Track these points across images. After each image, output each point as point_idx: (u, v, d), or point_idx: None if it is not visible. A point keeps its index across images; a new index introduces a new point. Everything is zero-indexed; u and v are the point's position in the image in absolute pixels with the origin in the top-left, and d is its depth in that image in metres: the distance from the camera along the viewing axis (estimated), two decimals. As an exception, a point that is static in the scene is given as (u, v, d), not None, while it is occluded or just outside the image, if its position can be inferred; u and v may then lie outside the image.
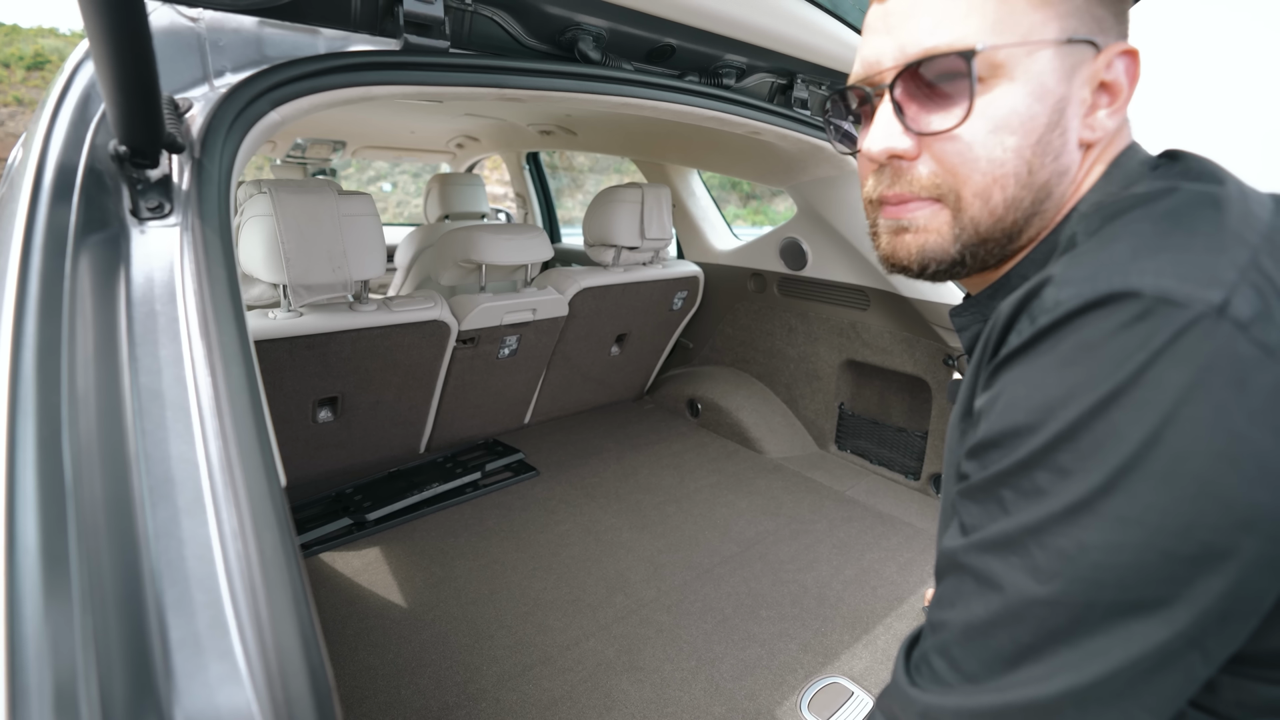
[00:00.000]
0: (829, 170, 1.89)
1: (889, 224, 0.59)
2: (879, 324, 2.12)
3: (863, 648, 1.41)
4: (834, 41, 1.49)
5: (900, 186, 0.57)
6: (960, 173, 0.54)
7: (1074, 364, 0.42)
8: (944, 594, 0.51)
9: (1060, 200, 0.56)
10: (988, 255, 0.57)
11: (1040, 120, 0.52)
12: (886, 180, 0.58)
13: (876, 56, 0.56)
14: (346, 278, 1.60)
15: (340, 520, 1.79)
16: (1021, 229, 0.56)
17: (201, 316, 0.67)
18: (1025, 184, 0.54)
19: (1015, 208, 0.54)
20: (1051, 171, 0.54)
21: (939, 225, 0.56)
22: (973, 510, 0.48)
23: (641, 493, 2.06)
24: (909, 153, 0.55)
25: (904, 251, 0.59)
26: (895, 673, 0.55)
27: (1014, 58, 0.51)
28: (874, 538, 1.84)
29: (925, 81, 0.54)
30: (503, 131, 3.29)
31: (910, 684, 0.51)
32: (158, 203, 0.76)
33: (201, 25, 0.89)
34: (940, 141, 0.54)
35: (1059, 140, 0.53)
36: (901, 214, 0.58)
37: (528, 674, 1.30)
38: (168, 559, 0.55)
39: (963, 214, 0.55)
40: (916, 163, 0.56)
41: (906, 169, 0.56)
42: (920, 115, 0.54)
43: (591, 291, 2.20)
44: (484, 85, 1.08)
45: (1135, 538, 0.39)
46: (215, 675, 0.50)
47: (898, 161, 0.57)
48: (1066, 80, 0.52)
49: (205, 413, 0.62)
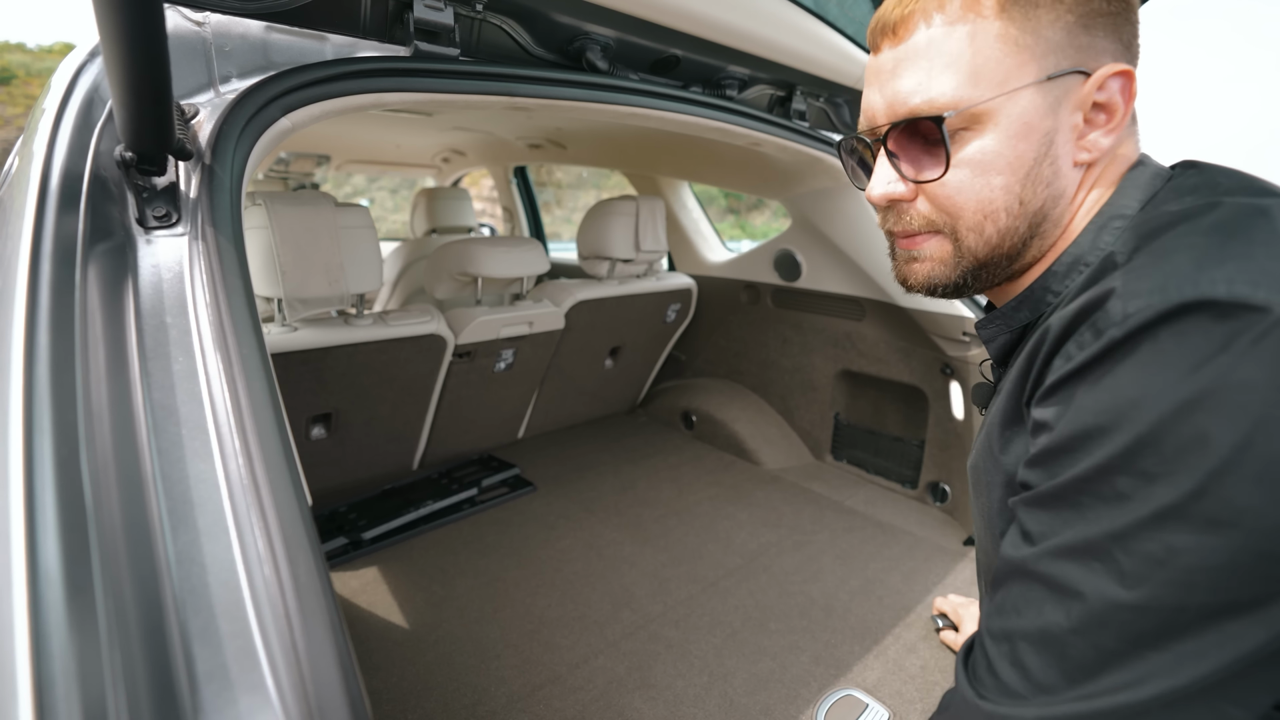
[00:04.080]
0: (826, 182, 1.90)
1: (903, 254, 0.65)
2: (874, 334, 2.13)
3: (874, 659, 1.40)
4: (834, 53, 1.50)
5: (904, 224, 0.63)
6: (952, 211, 0.58)
7: (1152, 371, 0.42)
8: (1009, 602, 0.50)
9: (1059, 220, 0.59)
10: (990, 277, 0.62)
11: (1027, 156, 0.55)
12: (893, 218, 0.64)
13: (872, 110, 0.61)
14: (344, 291, 1.57)
15: (336, 540, 1.74)
16: (1020, 252, 0.60)
17: (216, 329, 0.64)
18: (1017, 214, 0.57)
19: (1010, 235, 0.58)
20: (1045, 198, 0.57)
21: (943, 255, 0.61)
22: (1042, 518, 0.48)
23: (641, 506, 2.03)
24: (905, 196, 0.61)
25: (914, 278, 0.65)
26: (959, 685, 0.54)
27: (994, 105, 0.54)
28: (876, 547, 1.84)
29: (913, 136, 0.58)
30: (490, 146, 3.28)
31: (977, 696, 0.50)
32: (165, 211, 0.73)
33: (207, 30, 0.87)
34: (932, 186, 0.58)
35: (1049, 170, 0.56)
36: (911, 246, 0.63)
37: (537, 694, 1.27)
38: (190, 586, 0.52)
39: (961, 244, 0.60)
40: (915, 203, 0.61)
41: (907, 208, 0.62)
42: (911, 165, 0.59)
43: (587, 304, 2.19)
44: (494, 93, 1.06)
45: (1229, 540, 0.39)
46: (245, 708, 0.47)
47: (899, 204, 0.62)
48: (1052, 113, 0.55)
49: (223, 430, 0.59)
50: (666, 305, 2.48)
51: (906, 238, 0.64)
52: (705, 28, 1.24)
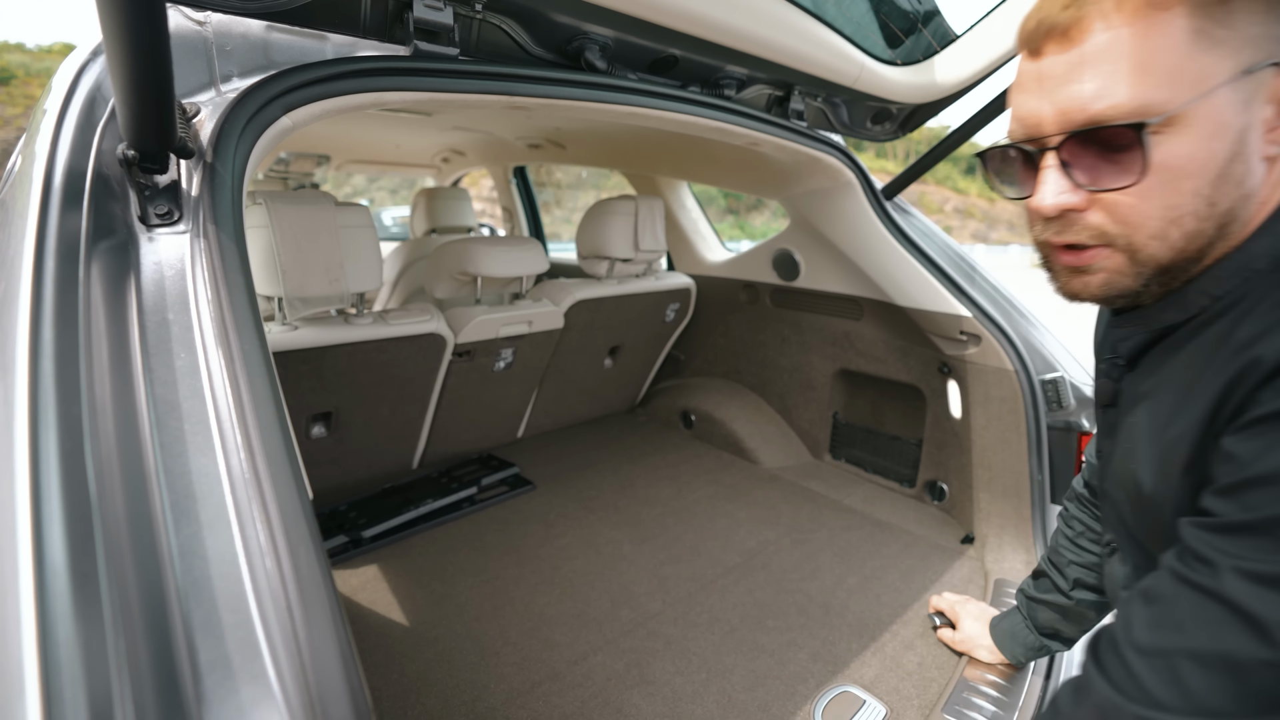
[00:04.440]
0: (823, 182, 1.90)
1: (1068, 269, 0.61)
2: (873, 333, 2.13)
3: (871, 655, 1.40)
4: (832, 53, 1.51)
5: (1072, 235, 0.58)
6: (1133, 222, 0.54)
7: None
8: (1169, 619, 0.50)
9: (1246, 219, 0.55)
10: (1171, 280, 0.58)
11: (1220, 156, 0.52)
12: (1055, 228, 0.59)
13: (1036, 119, 0.57)
14: (344, 290, 1.57)
15: (336, 538, 1.74)
16: (1205, 253, 0.56)
17: (218, 325, 0.65)
18: (1205, 217, 0.53)
19: (1196, 238, 0.55)
20: (1235, 198, 0.53)
21: (1116, 265, 0.58)
22: (1232, 543, 0.48)
23: (640, 505, 2.04)
24: (1079, 205, 0.56)
25: (1086, 291, 0.61)
26: (1095, 684, 0.54)
27: (1190, 108, 0.50)
28: (874, 545, 1.84)
29: (1094, 144, 0.53)
30: (490, 146, 3.28)
31: (1124, 698, 0.50)
32: (166, 209, 0.74)
33: (208, 29, 0.87)
34: (1111, 196, 0.54)
35: (1240, 168, 0.52)
36: (1078, 261, 0.59)
37: (536, 690, 1.27)
38: (193, 578, 0.52)
39: (1138, 254, 0.56)
40: (1086, 213, 0.56)
41: (1076, 219, 0.57)
42: (1088, 175, 0.55)
43: (586, 304, 2.19)
44: (493, 92, 1.07)
45: None
46: (248, 698, 0.48)
47: (1069, 214, 0.57)
48: (1245, 109, 0.51)
49: (225, 425, 0.60)
50: (665, 305, 2.49)
51: (1071, 251, 0.59)
52: (703, 28, 1.25)
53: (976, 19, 1.62)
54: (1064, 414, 1.70)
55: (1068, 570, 1.08)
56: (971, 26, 1.62)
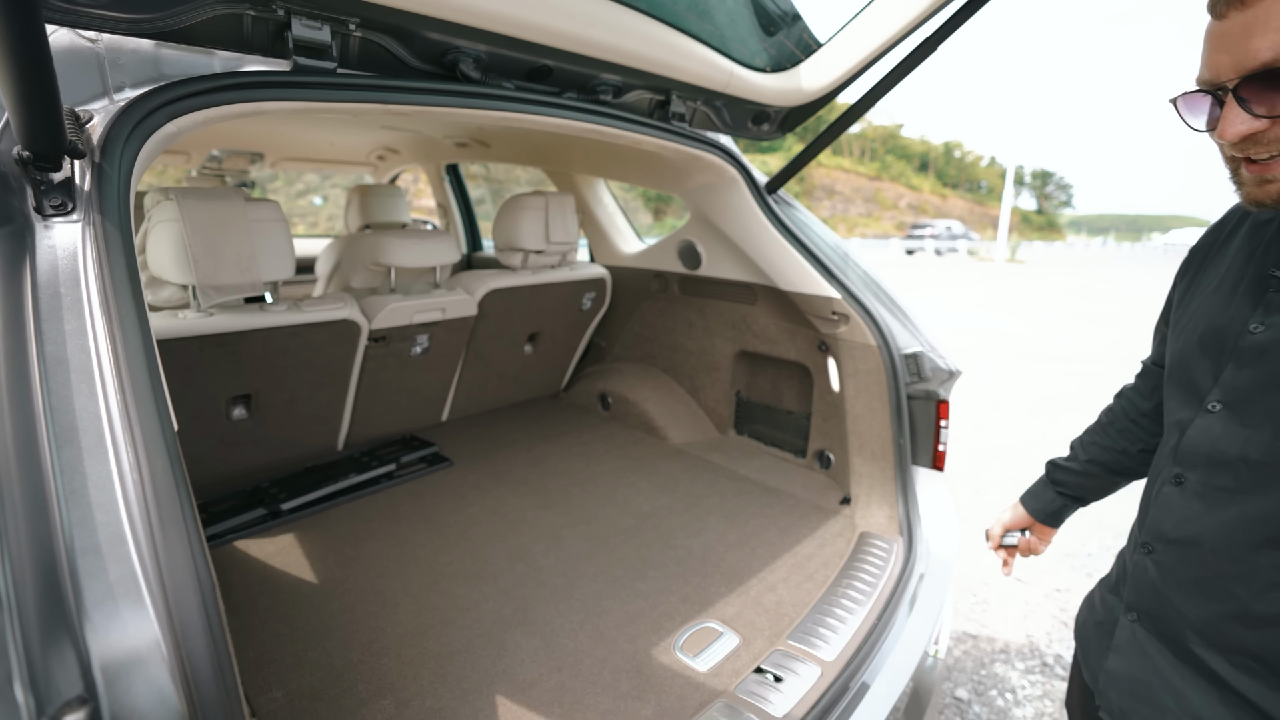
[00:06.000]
0: (710, 178, 2.09)
1: (1254, 178, 0.76)
2: (765, 317, 2.33)
3: (736, 596, 1.59)
4: (700, 62, 1.69)
5: (1261, 149, 0.73)
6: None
7: None
8: None
9: None
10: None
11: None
12: (1243, 148, 0.74)
13: (1218, 68, 0.73)
14: (255, 279, 1.70)
15: (255, 510, 1.87)
16: None
17: (103, 296, 0.79)
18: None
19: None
20: None
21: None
22: None
23: (549, 478, 2.20)
24: (1260, 128, 0.71)
25: (1269, 197, 0.75)
26: None
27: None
28: (759, 508, 2.04)
29: (1263, 83, 0.70)
30: (421, 144, 3.40)
31: None
32: (61, 201, 0.87)
33: (101, 46, 1.00)
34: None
35: None
36: (1266, 171, 0.74)
37: (428, 632, 1.43)
38: (72, 489, 0.67)
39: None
40: (1271, 129, 0.71)
41: (1262, 137, 0.72)
42: (1265, 106, 0.70)
43: (500, 293, 2.34)
44: (369, 102, 1.21)
45: None
46: (114, 577, 0.63)
47: (1256, 134, 0.72)
48: None
49: (105, 373, 0.74)
50: (581, 294, 2.65)
51: (1259, 163, 0.73)
52: (569, 42, 1.41)
53: (836, 29, 1.81)
54: (924, 384, 1.91)
55: (1089, 449, 1.25)
56: (832, 36, 1.82)
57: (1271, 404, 0.75)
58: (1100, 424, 1.24)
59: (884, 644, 1.43)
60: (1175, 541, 0.85)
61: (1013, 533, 1.35)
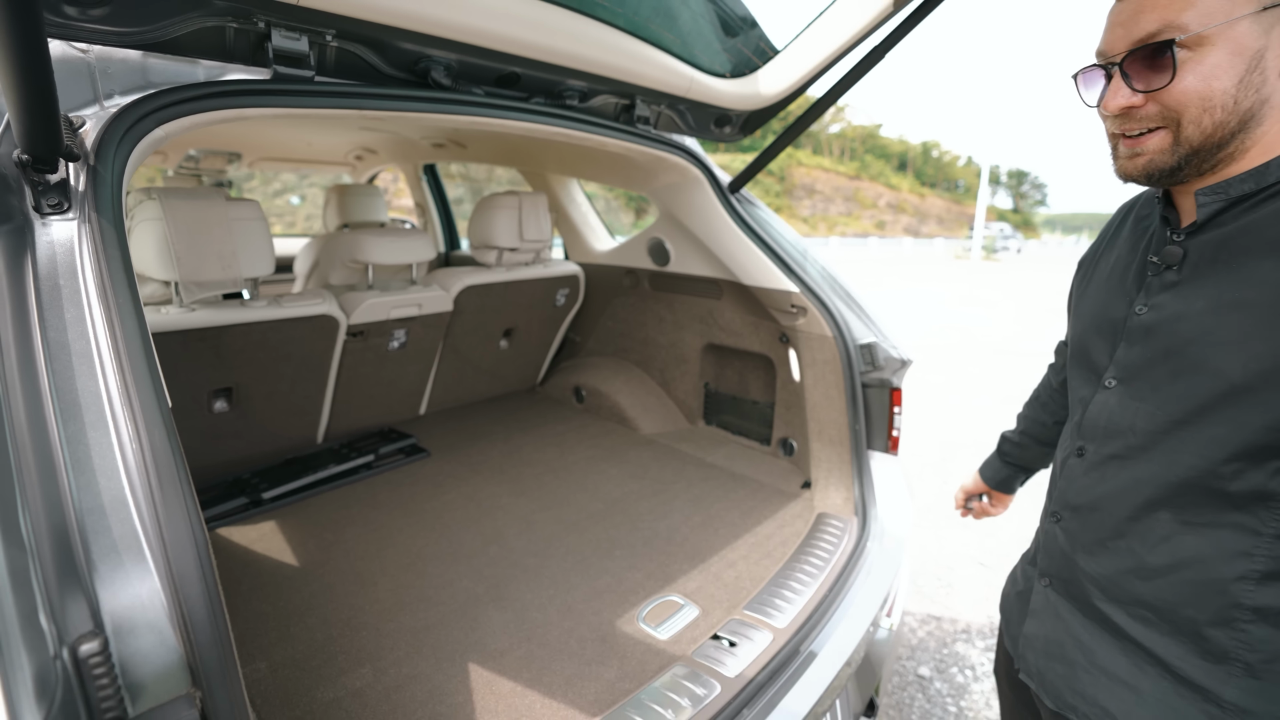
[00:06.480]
0: (674, 178, 2.19)
1: (1127, 151, 0.84)
2: (731, 310, 2.44)
3: (698, 572, 1.69)
4: (661, 69, 1.78)
5: (1134, 125, 0.82)
6: (1179, 109, 0.78)
7: None
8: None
9: (1262, 119, 0.76)
10: (1201, 163, 0.79)
11: (1240, 67, 0.75)
12: (1119, 123, 0.83)
13: (1109, 44, 0.82)
14: (237, 275, 1.77)
15: (237, 499, 1.94)
16: (1228, 141, 0.77)
17: (100, 286, 0.87)
18: (1231, 111, 0.75)
19: (1222, 128, 0.77)
20: (1254, 100, 0.76)
21: (1163, 145, 0.79)
22: None
23: (523, 466, 2.29)
24: (1137, 103, 0.80)
25: (1135, 169, 0.83)
26: None
27: (1215, 32, 0.74)
28: (724, 492, 2.14)
29: (1146, 59, 0.78)
30: (399, 145, 3.47)
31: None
32: (57, 201, 0.95)
33: (92, 55, 1.08)
34: (1162, 93, 0.78)
35: (1258, 78, 0.75)
36: (1135, 145, 0.83)
37: (405, 608, 1.51)
38: (76, 458, 0.75)
39: (1182, 132, 0.79)
40: (1146, 107, 0.80)
41: (1136, 113, 0.81)
42: (1143, 81, 0.79)
43: (475, 289, 2.43)
44: (346, 108, 1.30)
45: None
46: (120, 538, 0.71)
47: (1131, 110, 0.81)
48: (1264, 35, 0.73)
49: (104, 355, 0.82)
50: (555, 290, 2.74)
51: (1132, 138, 0.81)
52: (535, 51, 1.50)
53: (792, 37, 1.91)
54: (878, 373, 2.03)
55: (1022, 421, 1.37)
56: (788, 44, 1.92)
57: (1156, 377, 0.84)
58: (1030, 399, 1.35)
59: (835, 612, 1.54)
60: (1079, 508, 0.94)
61: (973, 497, 1.52)
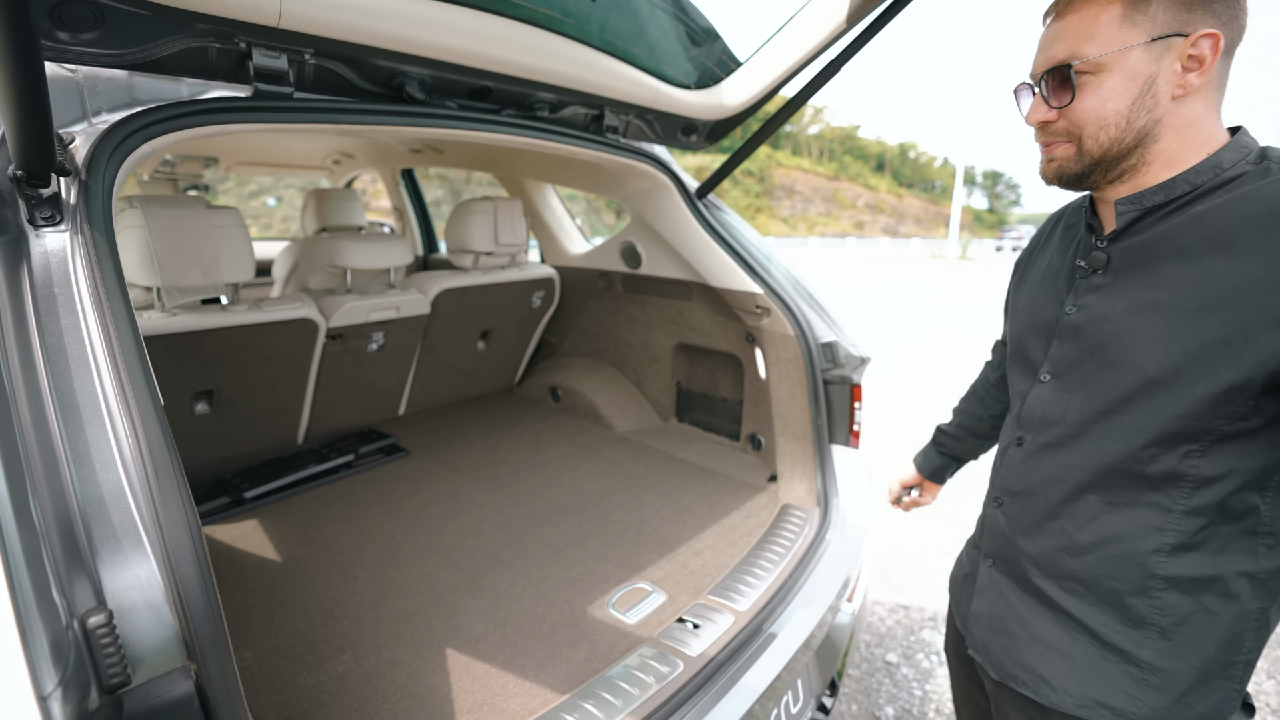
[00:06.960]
0: (644, 184, 2.27)
1: (1045, 157, 0.96)
2: (700, 311, 2.53)
3: (666, 561, 1.78)
4: (627, 81, 1.87)
5: (1048, 136, 0.93)
6: (1080, 125, 0.89)
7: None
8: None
9: (1158, 137, 0.85)
10: (1105, 171, 0.89)
11: (1133, 91, 0.85)
12: (1040, 134, 0.95)
13: (1036, 65, 0.93)
14: (218, 280, 1.82)
15: (219, 499, 1.99)
16: (1127, 155, 0.86)
17: (93, 293, 0.93)
18: (1125, 129, 0.85)
19: (1118, 143, 0.86)
20: (1147, 120, 0.86)
21: (1068, 155, 0.90)
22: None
23: (500, 464, 2.36)
24: (1051, 118, 0.92)
25: (1048, 173, 0.94)
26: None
27: (1112, 58, 0.85)
28: (693, 487, 2.23)
29: (1059, 80, 0.89)
30: (377, 150, 3.52)
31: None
32: (50, 214, 1.01)
33: (80, 75, 1.14)
34: (1067, 110, 0.89)
35: (1150, 100, 0.85)
36: (1049, 152, 0.95)
37: (385, 599, 1.58)
38: (76, 452, 0.81)
39: (1083, 145, 0.90)
40: (1058, 122, 0.91)
41: (1051, 126, 0.92)
42: (1055, 98, 0.90)
43: (452, 292, 2.49)
44: (324, 122, 1.36)
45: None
46: (119, 525, 0.78)
47: (1047, 124, 0.93)
48: (1155, 63, 0.81)
49: (99, 357, 0.88)
50: (531, 293, 2.81)
51: (1047, 146, 0.92)
52: (505, 66, 1.58)
53: (753, 50, 2.01)
54: (839, 370, 2.12)
55: (958, 414, 1.45)
56: (750, 57, 2.02)
57: (1084, 372, 0.94)
58: (967, 393, 1.45)
59: (795, 596, 1.63)
60: (1018, 493, 1.03)
61: (907, 489, 1.60)
